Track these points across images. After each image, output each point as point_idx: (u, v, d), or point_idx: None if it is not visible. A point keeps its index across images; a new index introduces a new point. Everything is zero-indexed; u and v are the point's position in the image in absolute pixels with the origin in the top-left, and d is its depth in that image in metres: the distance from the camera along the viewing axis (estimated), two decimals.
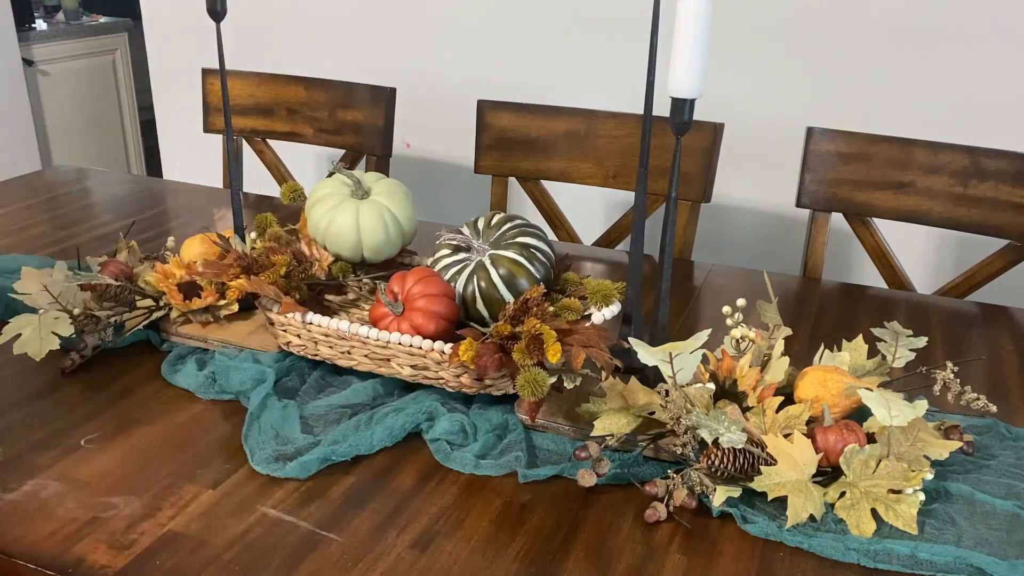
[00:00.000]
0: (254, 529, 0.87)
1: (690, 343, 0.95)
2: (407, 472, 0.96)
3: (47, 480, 0.93)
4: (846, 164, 1.55)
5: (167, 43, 2.68)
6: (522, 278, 1.09)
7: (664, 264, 1.05)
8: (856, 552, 0.84)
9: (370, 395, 1.07)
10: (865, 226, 1.57)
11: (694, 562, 0.84)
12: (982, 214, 1.49)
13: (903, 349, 1.05)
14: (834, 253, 1.90)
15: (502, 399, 1.06)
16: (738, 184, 2.04)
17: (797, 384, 1.00)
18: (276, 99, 1.95)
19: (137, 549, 0.84)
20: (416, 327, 1.05)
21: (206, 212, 1.74)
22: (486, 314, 1.11)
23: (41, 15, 4.01)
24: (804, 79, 1.94)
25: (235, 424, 1.03)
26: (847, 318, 1.36)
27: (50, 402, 1.07)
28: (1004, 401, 1.11)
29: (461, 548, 0.85)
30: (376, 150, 1.87)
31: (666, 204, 1.04)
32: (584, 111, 1.70)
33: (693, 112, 0.98)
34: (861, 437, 0.92)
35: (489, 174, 1.78)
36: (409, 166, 2.38)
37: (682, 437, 0.92)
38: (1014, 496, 0.92)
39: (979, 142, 1.49)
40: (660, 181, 1.58)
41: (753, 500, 0.91)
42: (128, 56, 4.17)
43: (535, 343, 0.97)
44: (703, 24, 0.93)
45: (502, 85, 2.16)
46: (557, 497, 0.92)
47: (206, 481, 0.93)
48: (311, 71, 1.97)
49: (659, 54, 0.99)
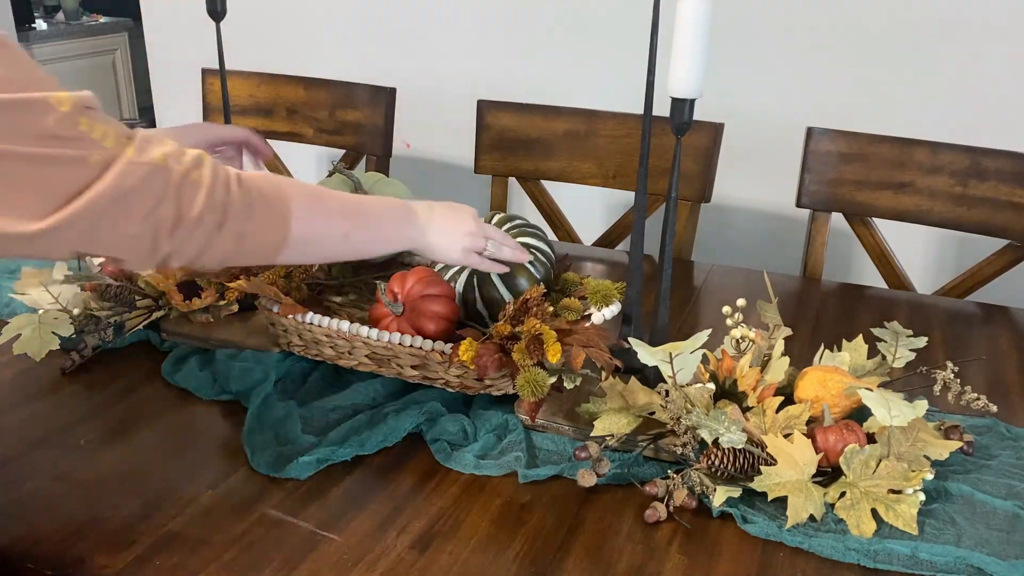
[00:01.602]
0: (254, 529, 0.87)
1: (690, 343, 0.95)
2: (407, 472, 0.96)
3: (47, 480, 0.93)
4: (846, 164, 1.55)
5: (167, 43, 2.68)
6: (522, 278, 1.09)
7: (664, 264, 1.05)
8: (856, 552, 0.84)
9: (370, 395, 1.07)
10: (865, 226, 1.57)
11: (694, 562, 0.84)
12: (982, 214, 1.49)
13: (903, 349, 1.05)
14: (834, 253, 1.90)
15: (502, 399, 1.06)
16: (738, 184, 2.04)
17: (797, 384, 1.00)
18: (276, 99, 1.94)
19: (137, 549, 0.84)
20: (416, 327, 1.05)
21: None
22: (486, 314, 1.11)
23: (41, 15, 4.01)
24: (804, 79, 1.94)
25: (235, 424, 1.03)
26: (847, 318, 1.36)
27: (50, 402, 1.07)
28: (1004, 401, 1.11)
29: (461, 548, 0.85)
30: (376, 150, 1.86)
31: (666, 204, 1.04)
32: (584, 111, 1.70)
33: (693, 112, 0.98)
34: (861, 437, 0.92)
35: (489, 174, 1.78)
36: (409, 166, 2.37)
37: (682, 437, 0.92)
38: (1014, 496, 0.92)
39: (979, 142, 1.49)
40: (660, 181, 1.58)
41: (753, 500, 0.91)
42: (128, 56, 4.17)
43: (535, 343, 0.97)
44: (703, 24, 0.93)
45: (502, 85, 2.16)
46: (557, 497, 0.92)
47: (206, 481, 0.93)
48: (311, 71, 1.96)
49: (659, 54, 0.99)
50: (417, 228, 0.98)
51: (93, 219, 0.71)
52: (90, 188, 0.70)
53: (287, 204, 0.85)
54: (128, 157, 0.72)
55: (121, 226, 0.73)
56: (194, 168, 0.77)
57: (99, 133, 0.71)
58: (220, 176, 0.79)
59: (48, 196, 0.69)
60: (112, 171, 0.71)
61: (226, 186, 0.79)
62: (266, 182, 0.84)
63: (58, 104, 0.69)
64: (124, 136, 0.74)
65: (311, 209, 0.87)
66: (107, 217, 0.71)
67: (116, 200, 0.71)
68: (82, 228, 0.71)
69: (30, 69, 0.70)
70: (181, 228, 0.76)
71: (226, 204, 0.78)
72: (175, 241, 0.76)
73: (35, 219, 0.68)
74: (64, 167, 0.69)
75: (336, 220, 0.91)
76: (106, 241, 0.73)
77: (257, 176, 0.84)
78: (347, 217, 0.92)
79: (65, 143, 0.69)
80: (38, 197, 0.69)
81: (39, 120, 0.68)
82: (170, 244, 0.76)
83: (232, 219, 0.79)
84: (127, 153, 0.72)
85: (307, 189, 0.89)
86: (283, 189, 0.85)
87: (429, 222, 0.99)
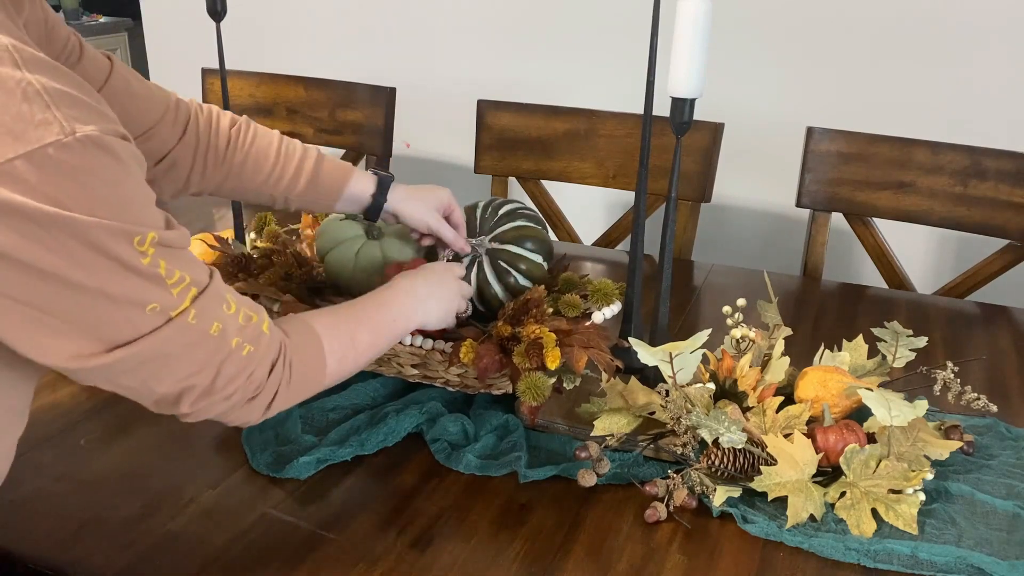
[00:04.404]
0: (254, 529, 0.87)
1: (690, 343, 0.95)
2: (407, 472, 0.96)
3: (47, 480, 0.93)
4: (846, 164, 1.55)
5: (167, 43, 2.68)
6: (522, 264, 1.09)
7: (664, 264, 1.05)
8: (856, 552, 0.84)
9: (370, 395, 1.07)
10: (865, 226, 1.57)
11: (694, 562, 0.84)
12: (982, 214, 1.49)
13: (903, 349, 1.05)
14: (834, 253, 1.90)
15: (502, 399, 1.06)
16: (738, 184, 2.04)
17: (797, 384, 1.00)
18: (276, 99, 1.94)
19: (137, 549, 0.84)
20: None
21: (206, 212, 1.74)
22: (483, 308, 1.11)
23: None
24: (804, 79, 1.94)
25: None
26: (847, 318, 1.36)
27: (50, 402, 1.07)
28: (1004, 401, 1.11)
29: (461, 548, 0.85)
30: (376, 150, 1.87)
31: (666, 204, 1.04)
32: (584, 111, 1.70)
33: (693, 112, 0.98)
34: (861, 437, 0.92)
35: (489, 174, 1.78)
36: (409, 166, 2.37)
37: (682, 437, 0.92)
38: (1014, 496, 0.92)
39: (979, 142, 1.49)
40: (660, 181, 1.58)
41: (753, 500, 0.91)
42: (128, 56, 4.17)
43: (535, 348, 0.97)
44: (703, 24, 0.93)
45: (502, 85, 2.16)
46: (557, 497, 0.92)
47: (206, 481, 0.93)
48: (311, 71, 1.97)
49: (659, 54, 0.99)
50: (420, 312, 0.95)
51: (125, 370, 0.67)
52: (135, 343, 0.65)
53: (322, 363, 0.81)
54: (185, 321, 0.67)
55: (151, 383, 0.69)
56: (248, 341, 0.72)
57: (175, 277, 0.66)
58: (269, 352, 0.75)
59: (93, 338, 0.64)
60: (163, 330, 0.66)
61: (270, 365, 0.75)
62: (307, 341, 0.80)
63: (141, 238, 0.63)
64: (196, 285, 0.68)
65: (343, 355, 0.84)
66: (141, 371, 0.68)
67: (156, 359, 0.67)
68: (109, 375, 0.67)
69: (131, 190, 0.64)
70: (208, 398, 0.72)
71: (262, 384, 0.75)
72: (197, 407, 0.72)
73: (70, 358, 0.64)
74: (120, 310, 0.64)
75: (363, 347, 0.87)
76: (130, 387, 0.70)
77: (301, 337, 0.80)
78: (371, 332, 0.88)
79: (128, 278, 0.63)
80: (83, 337, 0.64)
81: (117, 248, 0.62)
82: (191, 408, 0.72)
83: (265, 394, 0.76)
84: (188, 313, 0.67)
85: (337, 327, 0.84)
86: (320, 344, 0.81)
87: (429, 296, 0.97)
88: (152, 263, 0.64)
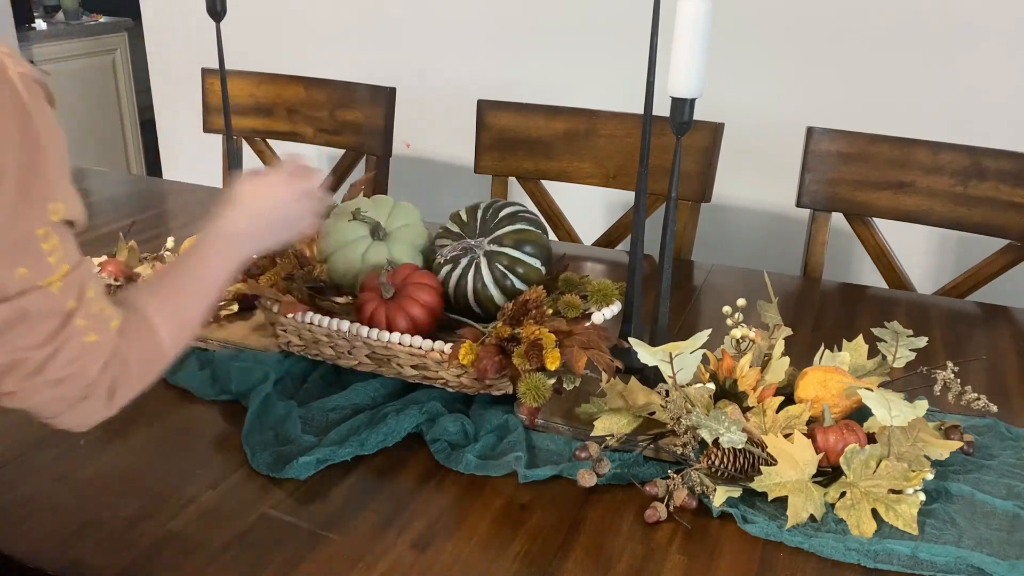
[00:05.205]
0: (254, 529, 0.87)
1: (690, 343, 0.95)
2: (407, 472, 0.96)
3: (47, 480, 0.93)
4: (846, 164, 1.55)
5: (167, 43, 2.68)
6: (519, 268, 1.09)
7: (664, 264, 1.05)
8: (856, 552, 0.84)
9: (370, 395, 1.07)
10: (865, 226, 1.57)
11: (694, 562, 0.84)
12: (982, 214, 1.49)
13: (903, 349, 1.05)
14: (834, 253, 1.90)
15: (502, 399, 1.06)
16: (738, 184, 2.04)
17: (797, 384, 1.00)
18: (276, 99, 1.94)
19: (137, 549, 0.84)
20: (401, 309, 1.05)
21: (206, 212, 1.74)
22: (479, 309, 1.11)
23: (41, 15, 4.01)
24: (804, 79, 1.94)
25: (235, 424, 1.03)
26: (847, 318, 1.36)
27: None
28: (1004, 401, 1.11)
29: (461, 548, 0.85)
30: (376, 150, 1.86)
31: (666, 204, 1.04)
32: (584, 111, 1.70)
33: (693, 112, 0.98)
34: (861, 437, 0.92)
35: (489, 174, 1.78)
36: (409, 166, 2.37)
37: (682, 437, 0.92)
38: (1014, 496, 0.92)
39: (979, 142, 1.49)
40: (660, 181, 1.58)
41: (753, 500, 0.91)
42: (128, 56, 4.17)
43: (534, 349, 0.97)
44: (703, 24, 0.93)
45: (502, 85, 2.16)
46: (557, 497, 0.92)
47: (206, 481, 0.93)
48: (311, 71, 1.97)
49: (659, 54, 0.99)
50: (246, 246, 0.92)
51: None
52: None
53: (158, 342, 0.78)
54: (49, 291, 0.68)
55: None
56: (95, 330, 0.71)
57: (55, 257, 0.68)
58: (106, 348, 0.72)
59: None
60: (28, 295, 0.67)
61: (103, 362, 0.72)
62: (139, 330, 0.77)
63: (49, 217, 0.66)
64: (68, 262, 0.69)
65: (179, 325, 0.80)
66: None
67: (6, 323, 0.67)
68: None
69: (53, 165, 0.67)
70: (36, 377, 0.69)
71: (94, 382, 0.72)
72: (23, 385, 0.69)
73: None
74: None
75: (194, 309, 0.83)
76: None
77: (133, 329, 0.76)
78: (196, 295, 0.85)
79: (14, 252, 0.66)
80: None
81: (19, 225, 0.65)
82: (17, 385, 0.69)
83: (98, 394, 0.73)
84: (54, 285, 0.68)
85: (164, 302, 0.81)
86: (151, 326, 0.78)
87: (254, 228, 0.93)
88: (47, 233, 0.67)
